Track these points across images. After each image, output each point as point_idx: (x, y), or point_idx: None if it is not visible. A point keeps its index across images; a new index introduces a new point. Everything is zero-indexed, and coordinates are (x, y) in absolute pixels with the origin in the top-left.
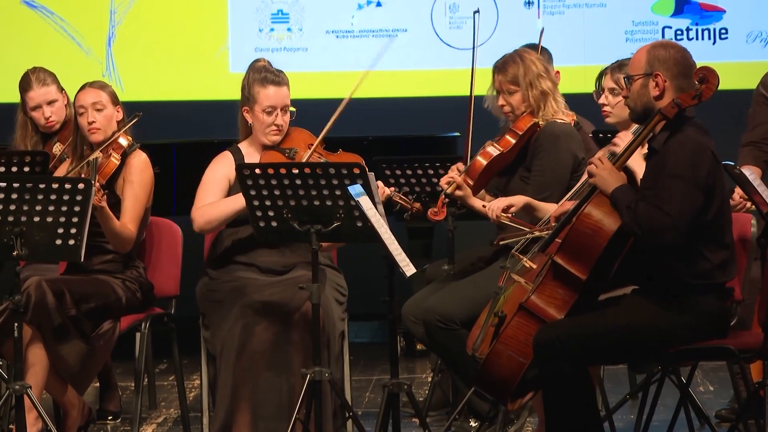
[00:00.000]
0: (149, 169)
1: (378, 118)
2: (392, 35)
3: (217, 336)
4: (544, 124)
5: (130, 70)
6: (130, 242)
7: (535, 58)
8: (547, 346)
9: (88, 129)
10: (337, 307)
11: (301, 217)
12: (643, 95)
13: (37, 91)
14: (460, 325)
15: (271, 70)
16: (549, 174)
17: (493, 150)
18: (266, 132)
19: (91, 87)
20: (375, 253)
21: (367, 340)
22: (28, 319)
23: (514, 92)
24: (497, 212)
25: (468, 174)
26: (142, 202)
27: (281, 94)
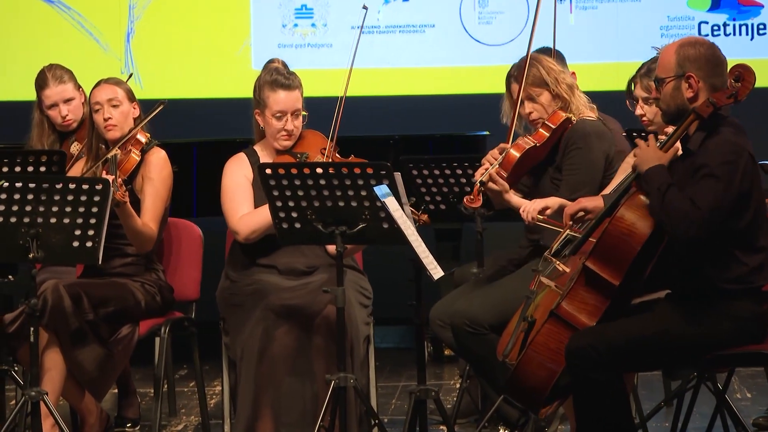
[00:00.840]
0: (168, 167)
1: (404, 117)
2: (420, 31)
3: (237, 341)
4: (575, 120)
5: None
6: (152, 241)
7: (546, 57)
8: (579, 354)
9: (105, 126)
10: (361, 311)
11: (326, 218)
12: (676, 97)
13: (53, 88)
14: (489, 330)
15: (283, 72)
16: (582, 173)
17: (526, 143)
18: (277, 137)
19: (106, 83)
20: (401, 255)
21: (393, 346)
22: (44, 324)
23: (541, 94)
24: (533, 214)
25: (501, 166)
26: (162, 200)
27: (292, 98)
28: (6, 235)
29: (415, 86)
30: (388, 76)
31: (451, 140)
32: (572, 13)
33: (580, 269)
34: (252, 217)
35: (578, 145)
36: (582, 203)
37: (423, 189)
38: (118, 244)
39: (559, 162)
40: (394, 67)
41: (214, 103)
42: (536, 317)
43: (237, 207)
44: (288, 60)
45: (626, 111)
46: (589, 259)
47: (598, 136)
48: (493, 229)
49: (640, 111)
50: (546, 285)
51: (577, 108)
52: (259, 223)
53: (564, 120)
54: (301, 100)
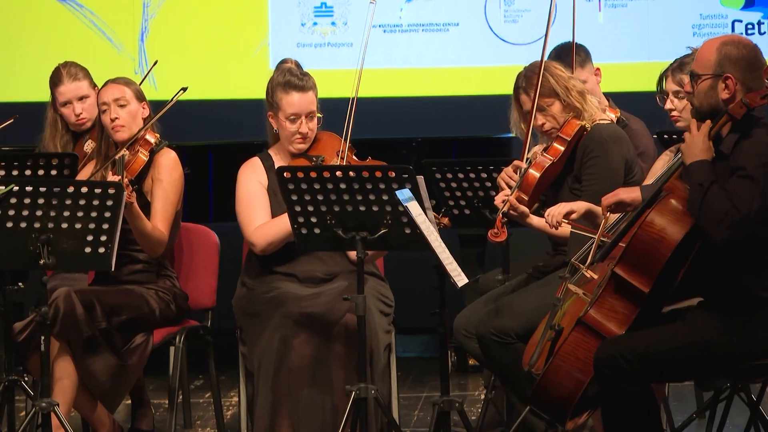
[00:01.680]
0: (179, 168)
1: (427, 119)
2: (443, 30)
3: (254, 351)
4: (590, 127)
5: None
6: (162, 245)
7: (555, 63)
8: (608, 363)
9: (112, 126)
10: (382, 319)
11: (346, 223)
12: (711, 96)
13: (67, 85)
14: (515, 339)
15: (296, 73)
16: (603, 181)
17: (544, 161)
18: (291, 140)
19: (113, 83)
20: (424, 262)
21: (415, 355)
22: (56, 332)
23: (552, 104)
24: (558, 218)
25: (521, 189)
26: (172, 203)
27: (306, 100)
28: (16, 241)
29: (439, 87)
30: (411, 76)
31: (475, 143)
32: (601, 11)
33: (608, 276)
34: (268, 228)
35: (596, 153)
36: (619, 195)
37: (447, 193)
38: (131, 249)
39: (577, 171)
40: (416, 67)
41: (230, 104)
42: (563, 325)
43: (252, 217)
44: (307, 60)
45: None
46: (617, 265)
47: (615, 141)
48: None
49: (669, 105)
50: (573, 292)
51: (591, 114)
52: (275, 234)
53: (578, 129)
54: (316, 102)
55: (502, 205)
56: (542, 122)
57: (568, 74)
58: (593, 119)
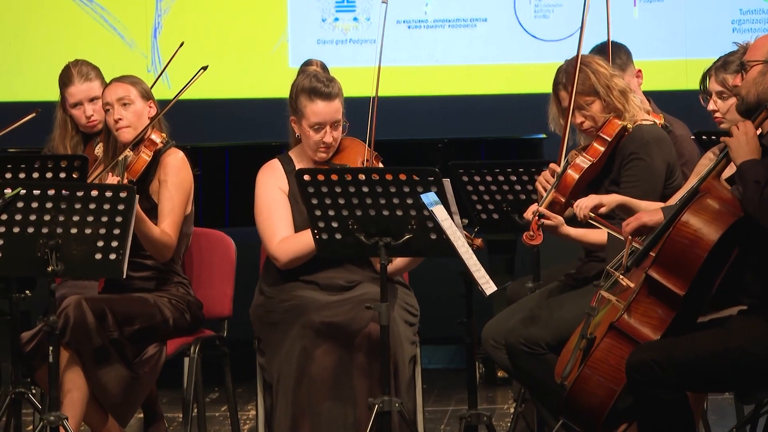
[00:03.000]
0: (186, 169)
1: (454, 118)
2: (471, 26)
3: (273, 362)
4: (631, 128)
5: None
6: (169, 249)
7: (597, 59)
8: (641, 370)
9: (116, 128)
10: (407, 329)
11: (369, 228)
12: (760, 84)
13: (78, 86)
14: (546, 349)
15: (322, 79)
16: (642, 184)
17: (583, 161)
18: (313, 149)
19: (118, 81)
20: (451, 269)
21: (442, 367)
22: (65, 342)
23: (592, 102)
24: (585, 211)
25: (559, 191)
26: (179, 205)
27: (331, 109)
28: (23, 247)
29: (466, 85)
30: (437, 74)
31: (505, 144)
32: (636, 6)
33: (642, 279)
34: (293, 243)
35: (637, 155)
36: (642, 218)
37: (474, 197)
38: (141, 256)
39: (615, 174)
40: (442, 65)
41: (247, 103)
42: (597, 335)
43: (275, 229)
44: (328, 57)
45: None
46: (652, 267)
47: (658, 143)
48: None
49: (712, 106)
50: (608, 300)
51: (632, 115)
52: (301, 250)
53: (620, 129)
54: (342, 110)
55: (532, 216)
56: (581, 121)
57: (611, 71)
58: (635, 120)
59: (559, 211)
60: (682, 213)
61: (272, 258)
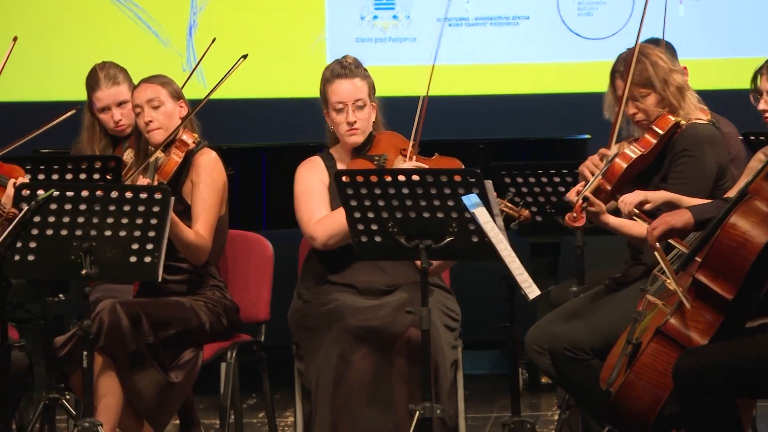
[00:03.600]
0: (220, 169)
1: (496, 118)
2: (513, 23)
3: (311, 367)
4: (685, 124)
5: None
6: (204, 251)
7: (659, 51)
8: (688, 375)
9: (147, 130)
10: (448, 334)
11: (409, 231)
12: None
13: (105, 91)
14: (591, 355)
15: (342, 62)
16: (691, 183)
17: (633, 151)
18: (342, 133)
19: (147, 82)
20: (493, 272)
21: (484, 372)
22: (100, 347)
23: (647, 95)
24: (629, 207)
25: (605, 178)
26: (213, 206)
27: (351, 86)
28: (57, 250)
29: (508, 84)
30: (478, 73)
31: (548, 144)
32: (682, 3)
33: (690, 282)
34: (330, 221)
35: (689, 152)
36: (669, 222)
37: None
38: (176, 259)
39: (665, 171)
40: (483, 64)
41: (284, 103)
42: (643, 340)
43: (313, 210)
44: (367, 55)
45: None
46: (699, 270)
47: (711, 143)
48: (595, 244)
49: (763, 105)
50: (654, 305)
51: (687, 112)
52: (338, 226)
53: (673, 125)
54: (366, 91)
55: (575, 198)
56: (633, 112)
57: (671, 65)
58: (689, 117)
59: (603, 199)
60: (730, 215)
61: (309, 238)
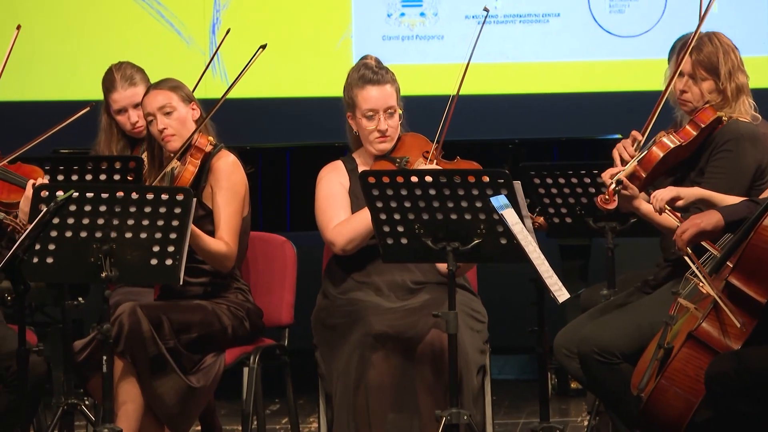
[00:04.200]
0: (239, 171)
1: (525, 118)
2: (543, 21)
3: (332, 370)
4: (726, 120)
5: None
6: (230, 258)
7: (733, 46)
8: (721, 381)
9: (162, 137)
10: (473, 336)
11: (436, 233)
12: None
13: (122, 92)
14: (621, 359)
15: (371, 67)
16: (728, 177)
17: (672, 141)
18: (371, 140)
19: (156, 89)
20: (521, 275)
21: (512, 377)
22: (119, 351)
23: (705, 80)
24: (661, 203)
25: (641, 165)
26: (236, 210)
27: (383, 94)
28: (76, 252)
29: (537, 83)
30: (506, 71)
31: (578, 145)
32: None
33: (722, 286)
34: (348, 225)
35: (728, 147)
36: (699, 224)
37: (546, 200)
38: (198, 261)
39: (703, 165)
40: (512, 62)
41: (309, 102)
42: (675, 344)
43: (332, 215)
44: (393, 54)
45: None
46: (732, 273)
47: (752, 141)
48: (626, 246)
49: None
50: (686, 308)
51: (733, 110)
52: (356, 230)
53: (714, 119)
54: (396, 97)
55: (610, 180)
56: (683, 89)
57: (741, 63)
58: (733, 115)
59: (636, 186)
60: (764, 217)
61: (329, 243)
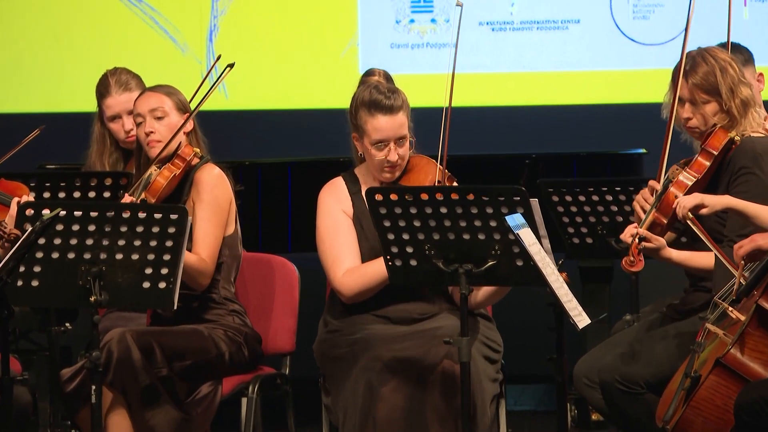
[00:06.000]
0: (222, 186)
1: (543, 131)
2: (562, 28)
3: (338, 401)
4: (739, 140)
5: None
6: (206, 275)
7: (730, 58)
8: (751, 410)
9: (147, 141)
10: (488, 366)
11: (448, 254)
12: None
13: (116, 97)
14: (645, 388)
15: (383, 90)
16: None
17: (688, 178)
18: (378, 169)
19: (151, 91)
20: (538, 299)
21: (529, 408)
22: (109, 381)
23: (707, 103)
24: (684, 211)
25: (660, 210)
26: (216, 225)
27: (394, 123)
28: (63, 275)
29: (556, 94)
30: (523, 81)
31: (600, 159)
32: (746, 6)
33: (752, 309)
34: (358, 277)
35: (748, 169)
36: (757, 240)
37: (565, 219)
38: None
39: (722, 191)
40: (530, 71)
41: (312, 114)
42: (702, 373)
43: (339, 258)
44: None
45: None
46: (763, 296)
47: None
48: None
49: None
50: (715, 335)
51: (744, 128)
52: (368, 282)
53: (727, 142)
54: (407, 124)
55: (631, 239)
56: (688, 116)
57: (741, 76)
58: (745, 133)
59: (660, 233)
60: None
61: (337, 292)
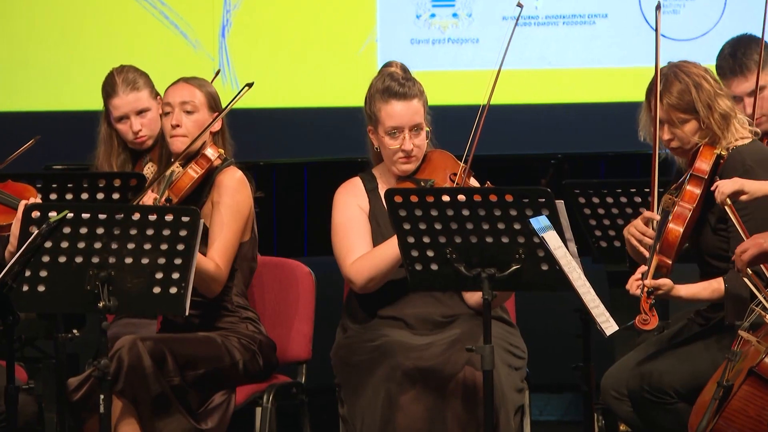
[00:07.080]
0: (244, 191)
1: (569, 130)
2: (589, 23)
3: (355, 411)
4: (726, 154)
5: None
6: (219, 282)
7: (704, 70)
8: None
9: (171, 134)
10: (512, 375)
11: (470, 258)
12: None
13: (123, 97)
14: (676, 398)
15: (397, 78)
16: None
17: (683, 210)
18: (393, 160)
19: (185, 82)
20: (565, 304)
21: (555, 419)
22: (119, 390)
23: (686, 122)
24: (722, 197)
25: (662, 252)
26: (233, 232)
27: (409, 110)
28: (71, 279)
29: (582, 91)
30: (548, 78)
31: (627, 160)
32: None
33: None
34: (368, 261)
35: None
36: (762, 245)
37: (592, 221)
38: None
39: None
40: (555, 68)
41: (329, 113)
42: (735, 382)
43: (351, 248)
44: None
45: None
46: None
47: (762, 165)
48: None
49: None
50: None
51: (729, 141)
52: (377, 267)
53: (714, 160)
54: (423, 112)
55: (639, 291)
56: (668, 138)
57: (717, 88)
58: (730, 145)
59: (666, 274)
60: None
61: (347, 280)
